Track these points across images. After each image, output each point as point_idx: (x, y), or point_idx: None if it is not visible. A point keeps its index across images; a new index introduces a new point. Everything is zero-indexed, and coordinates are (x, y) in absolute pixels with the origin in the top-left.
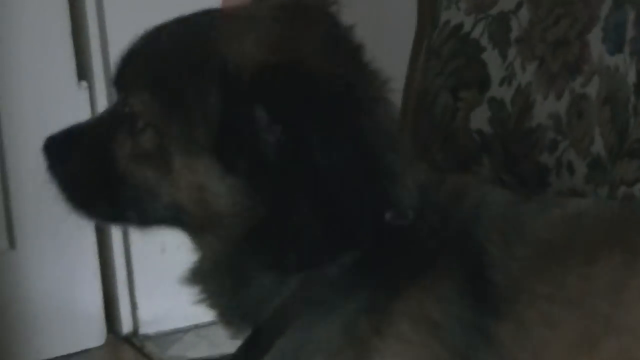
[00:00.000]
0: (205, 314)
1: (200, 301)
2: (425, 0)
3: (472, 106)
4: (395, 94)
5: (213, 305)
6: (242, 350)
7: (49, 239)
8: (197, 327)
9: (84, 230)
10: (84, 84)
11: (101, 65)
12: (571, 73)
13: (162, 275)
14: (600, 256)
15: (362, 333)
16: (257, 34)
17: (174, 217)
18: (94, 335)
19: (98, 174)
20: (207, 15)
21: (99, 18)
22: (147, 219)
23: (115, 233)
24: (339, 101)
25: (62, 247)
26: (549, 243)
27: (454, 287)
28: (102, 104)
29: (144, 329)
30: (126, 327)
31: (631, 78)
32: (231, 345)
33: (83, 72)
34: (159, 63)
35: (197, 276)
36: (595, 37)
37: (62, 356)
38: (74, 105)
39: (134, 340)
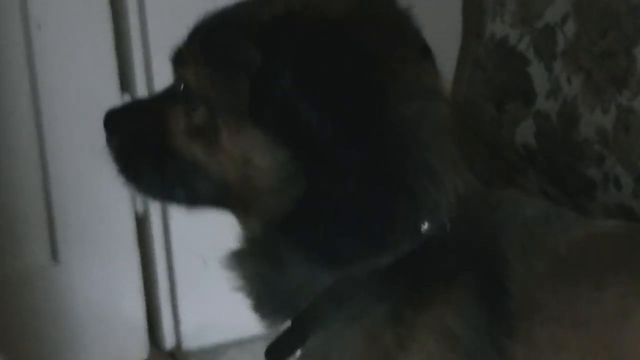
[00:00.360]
0: (248, 328)
1: (238, 288)
2: (471, 12)
3: (518, 119)
4: None
5: (249, 293)
6: (275, 344)
7: (92, 253)
8: (240, 342)
9: (126, 244)
10: (127, 96)
11: (144, 77)
12: (618, 86)
13: (205, 289)
14: (612, 281)
15: (387, 346)
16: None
17: (220, 196)
18: (137, 349)
19: (151, 148)
20: None
21: (142, 30)
22: (194, 197)
23: (158, 247)
24: (357, 68)
25: (104, 261)
26: (566, 261)
27: (475, 300)
28: None
29: (187, 343)
30: (169, 341)
31: None
32: None
33: (126, 84)
34: (210, 38)
35: (237, 259)
36: None
37: None
38: None
39: (177, 355)
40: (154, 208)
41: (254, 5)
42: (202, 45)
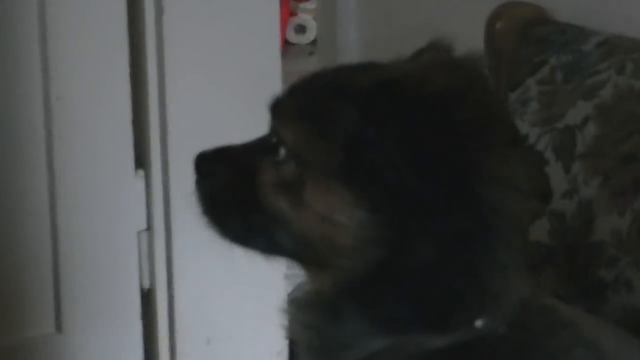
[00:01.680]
0: None
1: (287, 329)
2: None
3: (532, 218)
4: None
5: (300, 339)
6: None
7: (96, 324)
8: None
9: (131, 318)
10: (141, 172)
11: (159, 154)
12: (636, 190)
13: None
14: None
15: None
16: (402, 67)
17: (299, 250)
18: None
19: (238, 196)
20: (362, 64)
21: (160, 107)
22: (273, 247)
23: (162, 322)
24: (452, 145)
25: (108, 334)
26: None
27: None
28: (158, 192)
29: None
30: None
31: None
32: None
33: (141, 160)
34: (309, 97)
35: (297, 307)
36: None
37: None
38: (129, 194)
39: None
40: (160, 283)
41: (353, 70)
42: (301, 104)
